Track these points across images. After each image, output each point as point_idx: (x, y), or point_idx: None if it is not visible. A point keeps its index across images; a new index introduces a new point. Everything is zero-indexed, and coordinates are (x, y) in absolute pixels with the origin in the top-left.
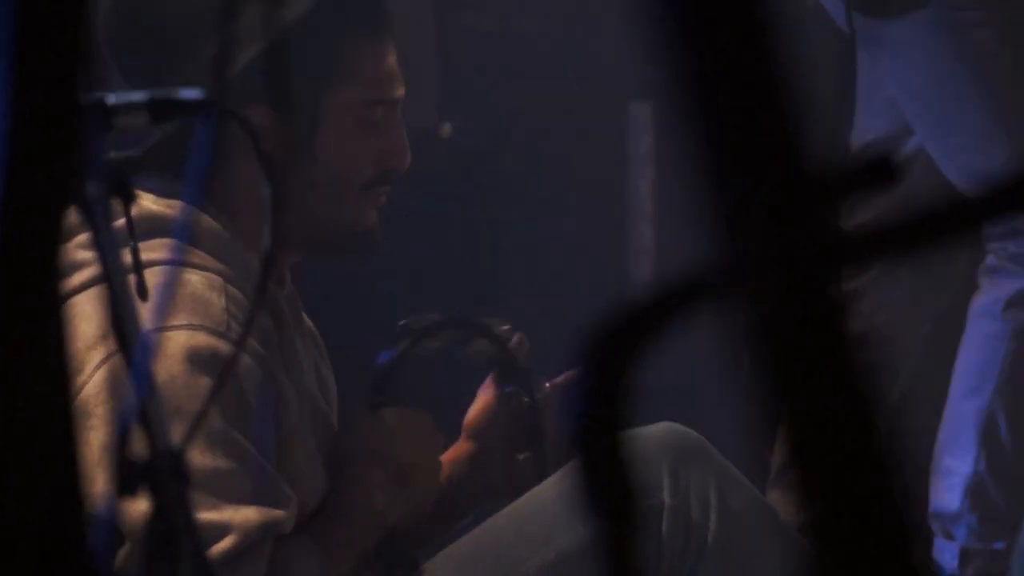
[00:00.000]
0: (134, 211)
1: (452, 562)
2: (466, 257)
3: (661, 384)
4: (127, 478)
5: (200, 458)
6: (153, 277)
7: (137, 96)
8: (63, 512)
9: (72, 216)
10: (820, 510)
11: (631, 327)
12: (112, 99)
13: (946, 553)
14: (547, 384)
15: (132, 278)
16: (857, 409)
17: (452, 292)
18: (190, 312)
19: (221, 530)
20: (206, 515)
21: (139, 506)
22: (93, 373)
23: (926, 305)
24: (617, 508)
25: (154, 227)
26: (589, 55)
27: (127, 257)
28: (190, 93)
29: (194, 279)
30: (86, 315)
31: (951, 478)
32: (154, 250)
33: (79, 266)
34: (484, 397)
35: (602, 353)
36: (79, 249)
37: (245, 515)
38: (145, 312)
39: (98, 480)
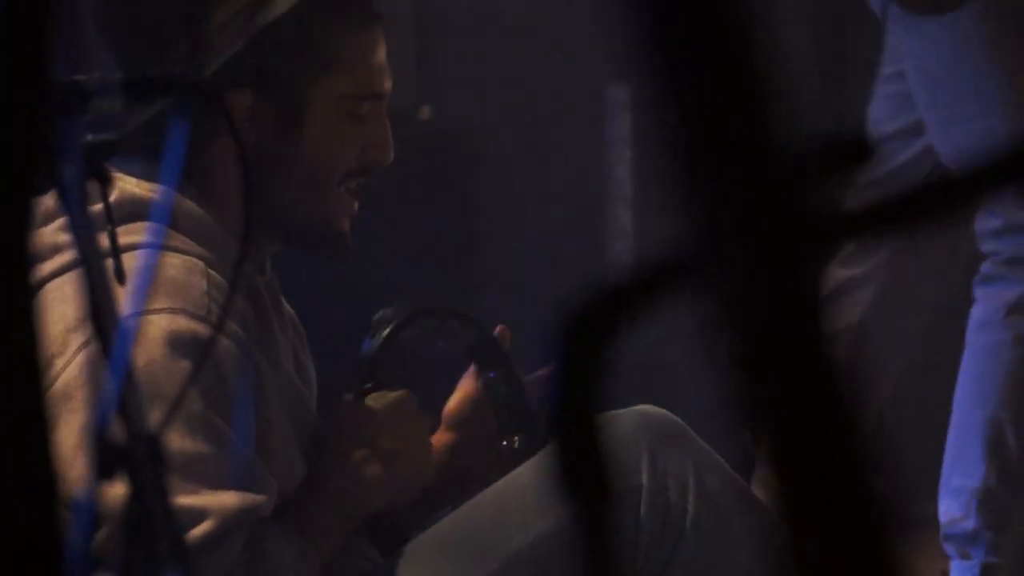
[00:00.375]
0: (114, 194)
1: (429, 548)
2: (445, 239)
3: (640, 367)
4: (105, 462)
5: (180, 442)
6: (132, 260)
7: (113, 78)
8: (41, 497)
9: (49, 200)
10: (796, 497)
11: (607, 309)
12: (88, 81)
13: (966, 574)
14: (529, 375)
15: (110, 262)
16: (834, 391)
17: (431, 274)
18: (170, 296)
19: (199, 515)
20: (185, 499)
21: (117, 490)
22: (73, 357)
23: (924, 296)
24: (593, 491)
25: (134, 210)
26: (568, 37)
27: (106, 241)
28: (167, 76)
29: (174, 262)
30: (65, 297)
31: (962, 496)
32: (133, 233)
33: (57, 249)
34: (464, 387)
35: (578, 335)
36: (57, 232)
37: (223, 500)
38: (124, 296)
39: (77, 464)
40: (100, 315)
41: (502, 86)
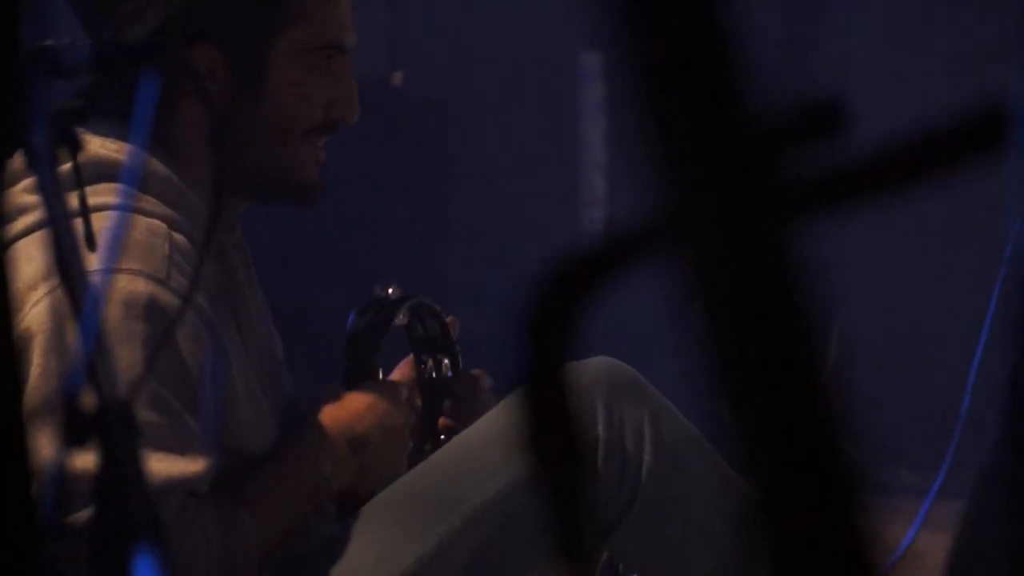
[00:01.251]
0: (82, 156)
1: (394, 503)
2: (418, 205)
3: (612, 336)
4: (71, 424)
5: None
6: (99, 222)
7: (82, 41)
8: (5, 456)
9: (17, 161)
10: (760, 460)
11: (578, 274)
12: (56, 45)
13: None
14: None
15: (78, 223)
16: (799, 355)
17: (404, 241)
18: (131, 258)
19: None
20: None
21: (85, 453)
22: (31, 309)
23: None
24: (558, 443)
25: (102, 172)
26: (541, 5)
27: (74, 202)
28: (133, 38)
29: (139, 225)
30: (29, 257)
31: None
32: (101, 195)
33: (24, 210)
34: (400, 373)
35: (548, 299)
36: (24, 193)
37: (152, 468)
38: (89, 257)
39: (32, 411)
40: (67, 275)
41: (475, 53)
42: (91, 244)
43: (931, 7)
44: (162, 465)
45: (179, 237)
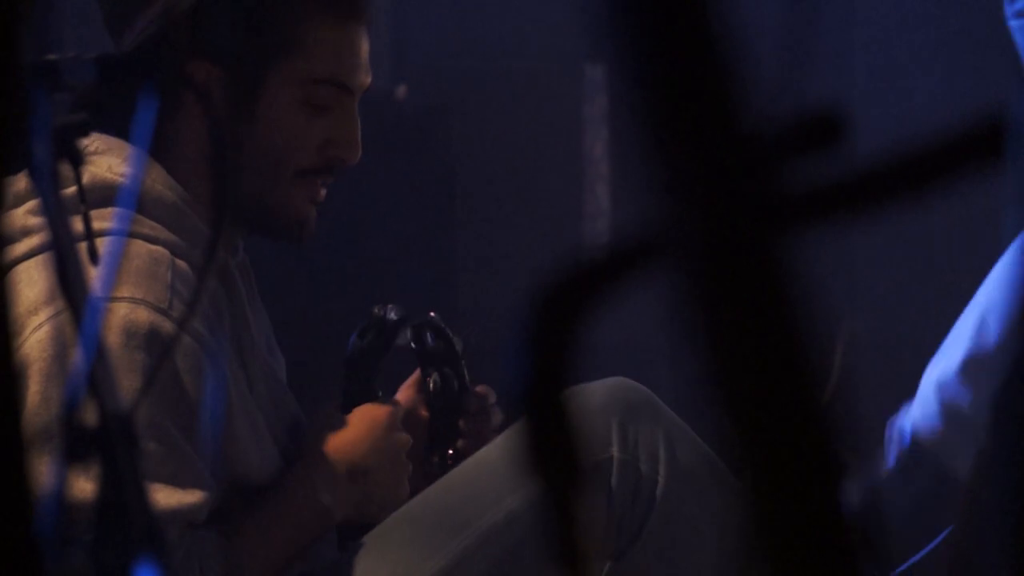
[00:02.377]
0: (85, 178)
1: (401, 526)
2: (421, 218)
3: (616, 347)
4: (75, 443)
5: None
6: (100, 247)
7: (85, 55)
8: (4, 479)
9: (20, 182)
10: (760, 471)
11: (581, 286)
12: (59, 58)
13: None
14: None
15: (82, 246)
16: (796, 367)
17: (407, 254)
18: (133, 285)
19: None
20: None
21: (87, 471)
22: (31, 334)
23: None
24: (562, 468)
25: (104, 195)
26: (543, 16)
27: (77, 225)
28: (138, 53)
29: (140, 251)
30: (31, 281)
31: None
32: (103, 219)
33: (27, 232)
34: (403, 396)
35: (550, 311)
36: (27, 215)
37: (152, 499)
38: (91, 281)
39: (31, 436)
40: (70, 300)
41: (478, 66)
42: (95, 266)
43: (931, 13)
44: (161, 495)
45: (181, 264)
